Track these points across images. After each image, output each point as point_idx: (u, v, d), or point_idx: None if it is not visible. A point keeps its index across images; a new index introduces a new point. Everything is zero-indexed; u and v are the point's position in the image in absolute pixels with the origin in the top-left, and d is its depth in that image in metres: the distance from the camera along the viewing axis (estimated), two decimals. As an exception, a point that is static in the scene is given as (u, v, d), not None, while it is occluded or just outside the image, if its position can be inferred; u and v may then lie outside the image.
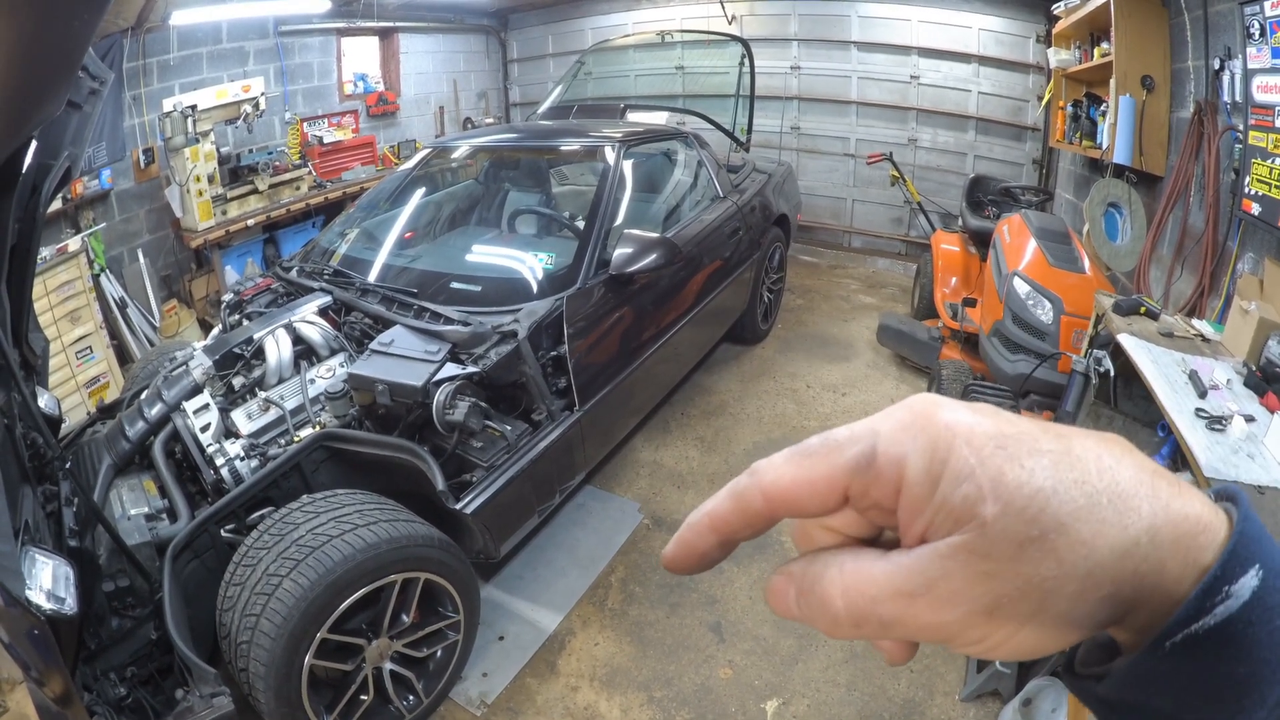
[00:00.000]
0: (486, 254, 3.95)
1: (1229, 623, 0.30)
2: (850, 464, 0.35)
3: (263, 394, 2.96)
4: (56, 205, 4.80)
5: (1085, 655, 0.38)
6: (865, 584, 0.35)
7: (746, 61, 5.55)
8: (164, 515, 2.62)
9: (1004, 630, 0.32)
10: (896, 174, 6.56)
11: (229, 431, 2.84)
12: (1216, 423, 2.25)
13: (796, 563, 0.38)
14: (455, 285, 3.34)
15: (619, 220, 3.73)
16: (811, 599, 0.36)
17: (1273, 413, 2.30)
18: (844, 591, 0.35)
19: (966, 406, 0.35)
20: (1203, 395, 2.41)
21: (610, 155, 3.95)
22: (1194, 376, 2.50)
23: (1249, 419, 2.26)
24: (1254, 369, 2.56)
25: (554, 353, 3.12)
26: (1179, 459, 2.57)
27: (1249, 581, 0.30)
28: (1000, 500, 0.32)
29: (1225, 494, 0.35)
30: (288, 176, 6.54)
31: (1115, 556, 0.31)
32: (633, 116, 5.47)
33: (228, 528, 2.59)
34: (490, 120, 9.36)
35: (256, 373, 3.04)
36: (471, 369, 2.82)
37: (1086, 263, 4.02)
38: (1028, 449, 0.33)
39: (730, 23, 7.67)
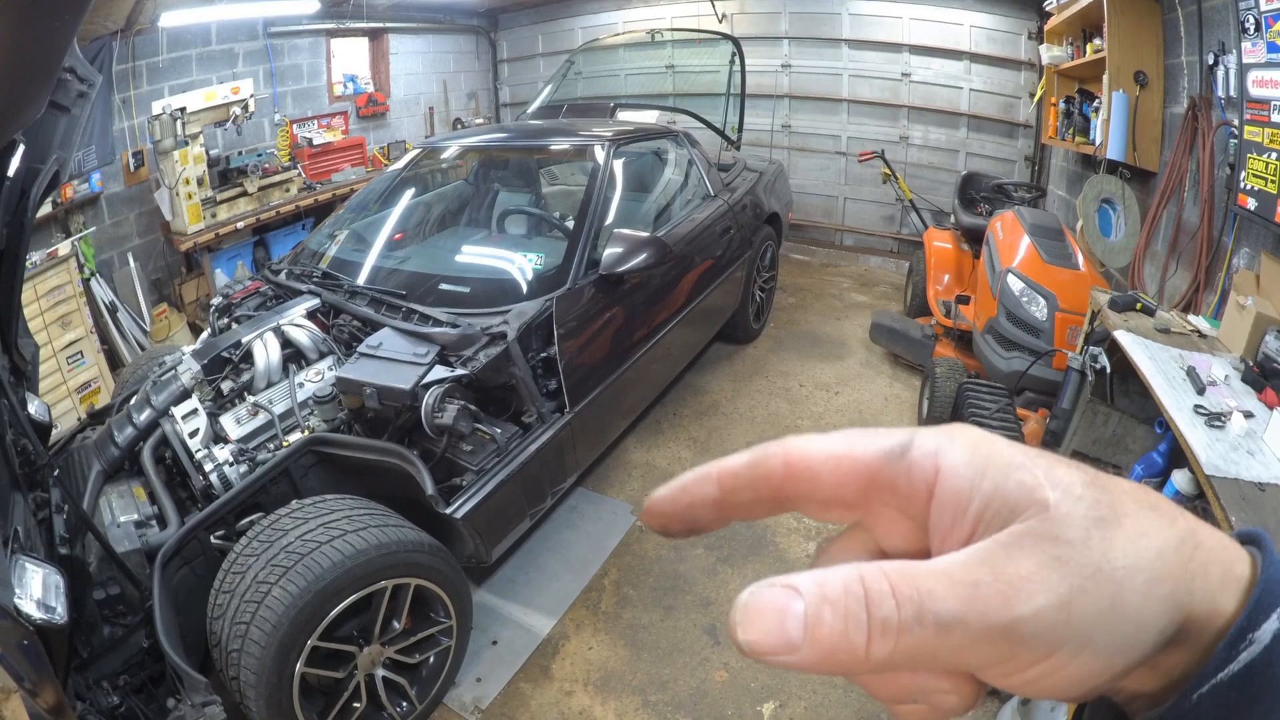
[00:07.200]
0: (475, 255, 3.93)
1: (1250, 666, 0.29)
2: (884, 448, 0.33)
3: (251, 398, 2.92)
4: (46, 209, 4.78)
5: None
6: (917, 576, 0.29)
7: (737, 60, 5.53)
8: (154, 522, 2.59)
9: (1079, 632, 0.29)
10: (888, 171, 6.56)
11: (218, 436, 2.81)
12: (1216, 419, 2.24)
13: (802, 575, 0.30)
14: (444, 287, 3.31)
15: (609, 220, 3.70)
16: (842, 605, 0.28)
17: (1271, 409, 2.29)
18: (894, 588, 0.29)
19: None
20: (1201, 392, 2.40)
21: (600, 154, 3.92)
22: (1192, 373, 2.49)
23: (1248, 415, 2.25)
24: (1251, 365, 2.55)
25: (544, 354, 3.09)
26: (1177, 456, 2.56)
27: (1270, 626, 0.29)
28: (1059, 488, 0.31)
29: (1249, 537, 0.34)
30: (277, 179, 6.50)
31: (1172, 547, 0.30)
32: (623, 115, 5.45)
33: (217, 534, 2.56)
34: (480, 121, 9.34)
35: (245, 377, 3.01)
36: (460, 371, 2.79)
37: (1080, 259, 4.01)
38: (1066, 460, 0.33)
39: (721, 21, 7.66)
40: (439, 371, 2.76)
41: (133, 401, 3.00)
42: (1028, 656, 0.29)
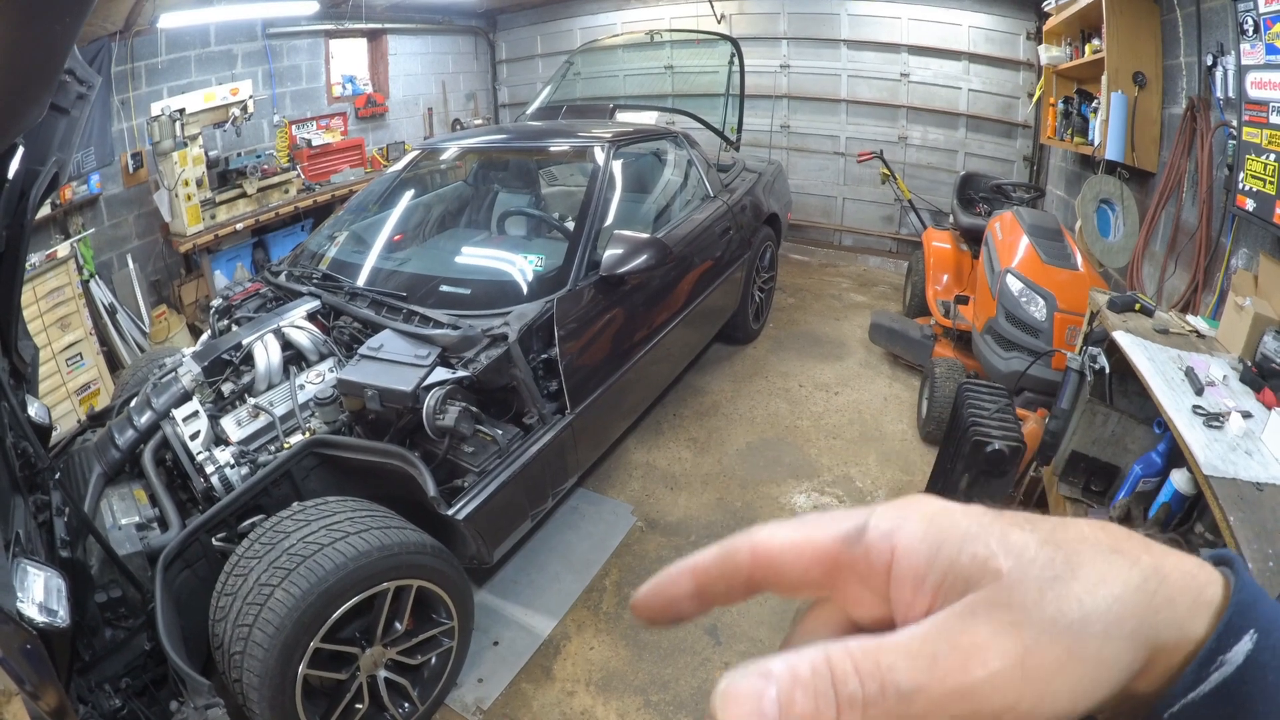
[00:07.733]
0: (476, 256, 3.93)
1: (1223, 686, 0.31)
2: (842, 532, 0.35)
3: (252, 400, 2.92)
4: (45, 211, 4.77)
5: None
6: (878, 651, 0.31)
7: (736, 60, 5.53)
8: (155, 524, 2.59)
9: (1036, 685, 0.30)
10: (887, 172, 6.56)
11: (219, 439, 2.81)
12: (1214, 420, 2.24)
13: (773, 659, 0.31)
14: (445, 288, 3.32)
15: (609, 221, 3.70)
16: (811, 686, 0.30)
17: (1270, 409, 2.29)
18: (857, 666, 0.30)
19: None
20: (1199, 392, 2.40)
21: (599, 155, 3.93)
22: (1190, 373, 2.49)
23: (1246, 415, 2.25)
24: (1250, 365, 2.55)
25: (545, 355, 3.10)
26: (1176, 456, 2.57)
27: (1242, 647, 0.31)
28: (1012, 554, 0.32)
29: (1222, 559, 0.35)
30: (276, 180, 6.50)
31: (1132, 590, 0.31)
32: (622, 116, 5.46)
33: (219, 536, 2.56)
34: (479, 121, 9.34)
35: (245, 379, 3.01)
36: (461, 373, 2.79)
37: (1079, 259, 4.02)
38: (1023, 519, 0.34)
39: (719, 22, 7.66)
40: (440, 373, 2.76)
41: (133, 404, 3.00)
42: (989, 713, 0.30)
